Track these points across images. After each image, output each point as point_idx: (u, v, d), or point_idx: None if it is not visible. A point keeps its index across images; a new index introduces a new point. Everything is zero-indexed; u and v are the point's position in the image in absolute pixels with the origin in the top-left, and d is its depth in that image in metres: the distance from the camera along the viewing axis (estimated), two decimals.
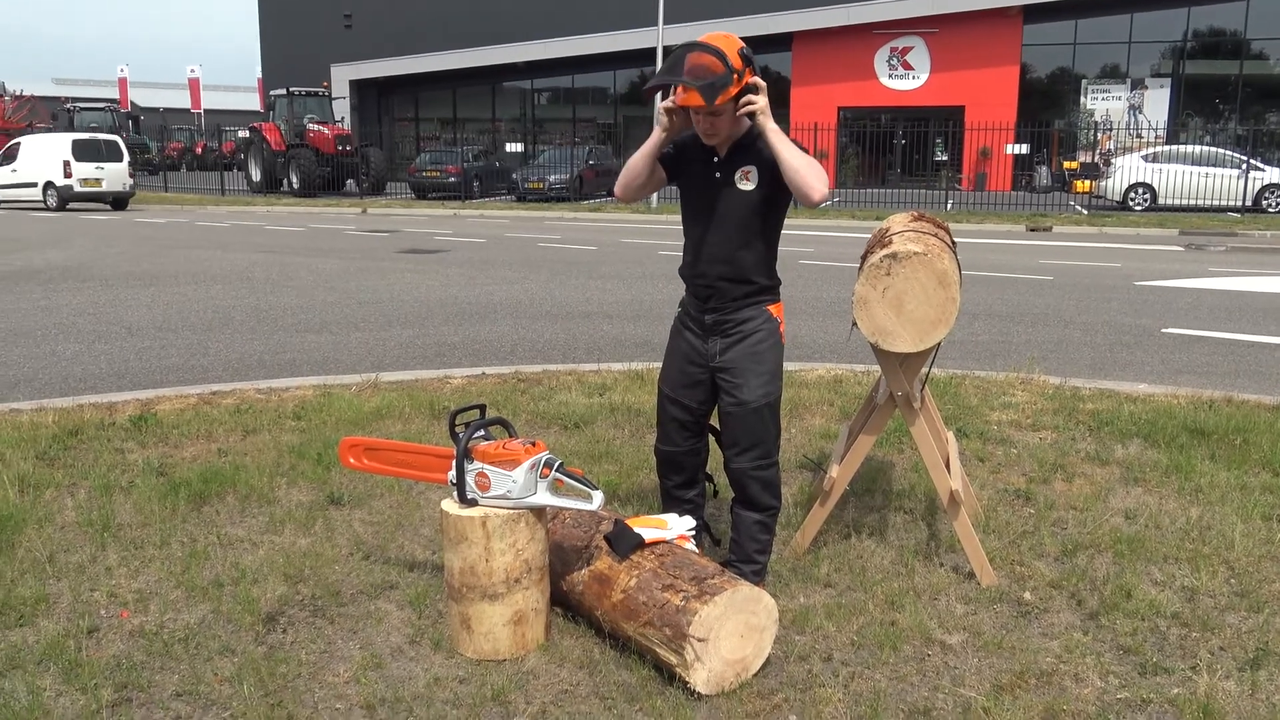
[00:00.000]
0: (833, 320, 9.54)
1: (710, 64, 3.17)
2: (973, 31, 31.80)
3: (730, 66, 3.16)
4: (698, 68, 3.18)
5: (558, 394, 6.36)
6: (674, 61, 3.23)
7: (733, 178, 3.38)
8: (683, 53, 3.24)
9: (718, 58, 3.16)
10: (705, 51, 3.18)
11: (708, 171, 3.43)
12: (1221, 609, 3.53)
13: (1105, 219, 21.50)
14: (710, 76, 3.16)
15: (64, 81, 70.16)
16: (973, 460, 5.11)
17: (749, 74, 3.22)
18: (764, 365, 3.45)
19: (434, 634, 3.31)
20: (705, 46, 3.19)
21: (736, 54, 3.20)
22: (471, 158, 29.89)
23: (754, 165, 3.36)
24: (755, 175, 3.36)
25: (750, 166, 3.36)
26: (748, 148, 3.37)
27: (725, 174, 3.40)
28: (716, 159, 3.41)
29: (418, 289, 11.81)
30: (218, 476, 4.69)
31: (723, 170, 3.40)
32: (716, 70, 3.16)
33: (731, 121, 3.32)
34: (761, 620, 3.04)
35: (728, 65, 3.16)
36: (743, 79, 3.20)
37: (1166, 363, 7.90)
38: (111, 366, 7.63)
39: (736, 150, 3.39)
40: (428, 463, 3.49)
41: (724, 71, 3.16)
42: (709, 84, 3.16)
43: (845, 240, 17.67)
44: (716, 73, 3.16)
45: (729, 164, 3.39)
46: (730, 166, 3.39)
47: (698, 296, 3.52)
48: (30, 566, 3.79)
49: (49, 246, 16.40)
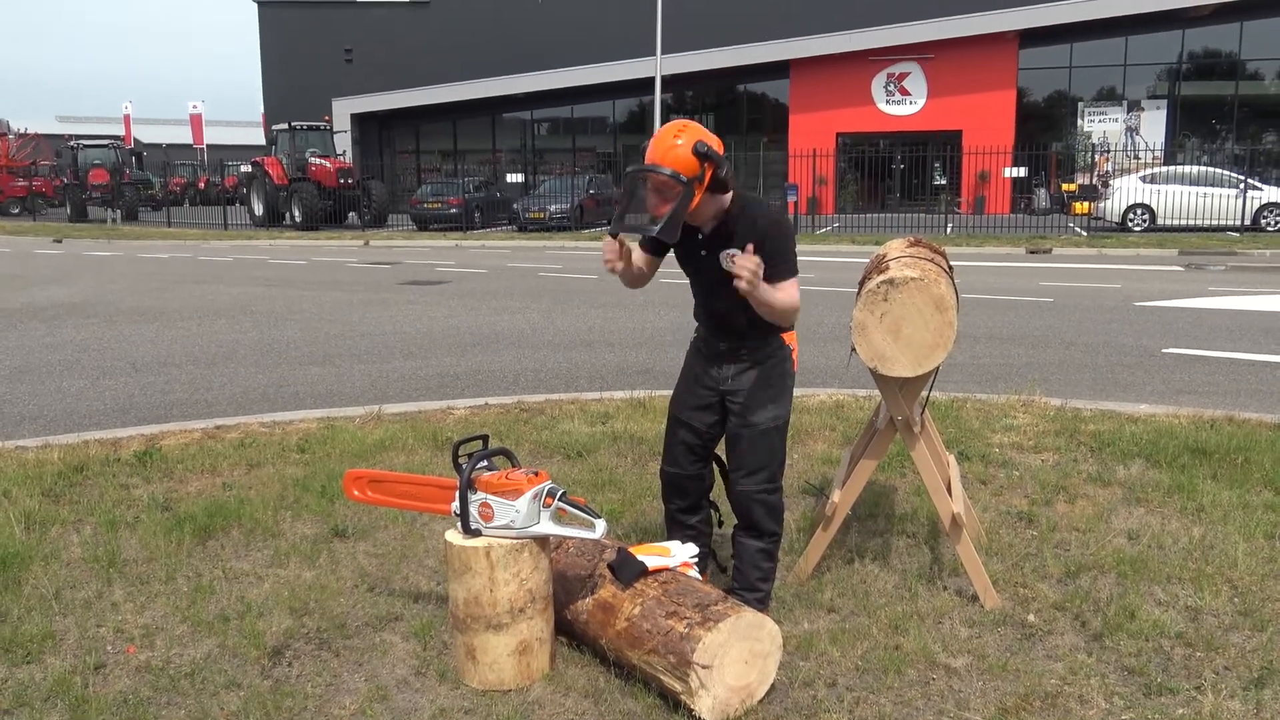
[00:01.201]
0: (833, 345, 9.57)
1: (664, 186, 3.16)
2: (969, 56, 32.04)
3: (685, 180, 3.13)
4: (655, 195, 3.16)
5: (560, 423, 6.38)
6: (629, 199, 3.21)
7: (717, 258, 3.32)
8: (635, 181, 3.21)
9: (671, 179, 3.13)
10: (657, 173, 3.14)
11: (694, 248, 3.46)
12: (1225, 628, 3.53)
13: (1104, 240, 21.56)
14: (670, 205, 3.13)
15: (68, 119, 70.67)
16: (975, 483, 5.12)
17: (709, 169, 3.17)
18: (774, 389, 3.50)
19: (439, 665, 3.32)
20: (655, 169, 3.14)
21: (689, 157, 3.13)
22: (472, 189, 30.05)
23: (737, 250, 3.31)
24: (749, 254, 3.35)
25: (733, 250, 3.30)
26: (730, 233, 3.35)
27: (710, 252, 3.38)
28: (701, 235, 3.42)
29: (420, 320, 11.86)
30: (222, 511, 4.70)
31: (707, 248, 3.40)
32: (673, 192, 3.14)
33: (709, 204, 3.29)
34: (766, 646, 3.05)
35: (683, 181, 3.13)
36: (703, 181, 3.17)
37: (1167, 383, 7.91)
38: (116, 402, 7.67)
39: (720, 231, 3.38)
40: (431, 494, 3.51)
41: (681, 191, 3.14)
42: (668, 223, 3.14)
43: (844, 265, 17.72)
44: (673, 197, 3.13)
45: (713, 242, 3.38)
46: (714, 245, 3.36)
47: (710, 332, 3.59)
48: (37, 603, 3.80)
49: (52, 283, 16.49)
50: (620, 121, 39.13)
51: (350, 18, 41.86)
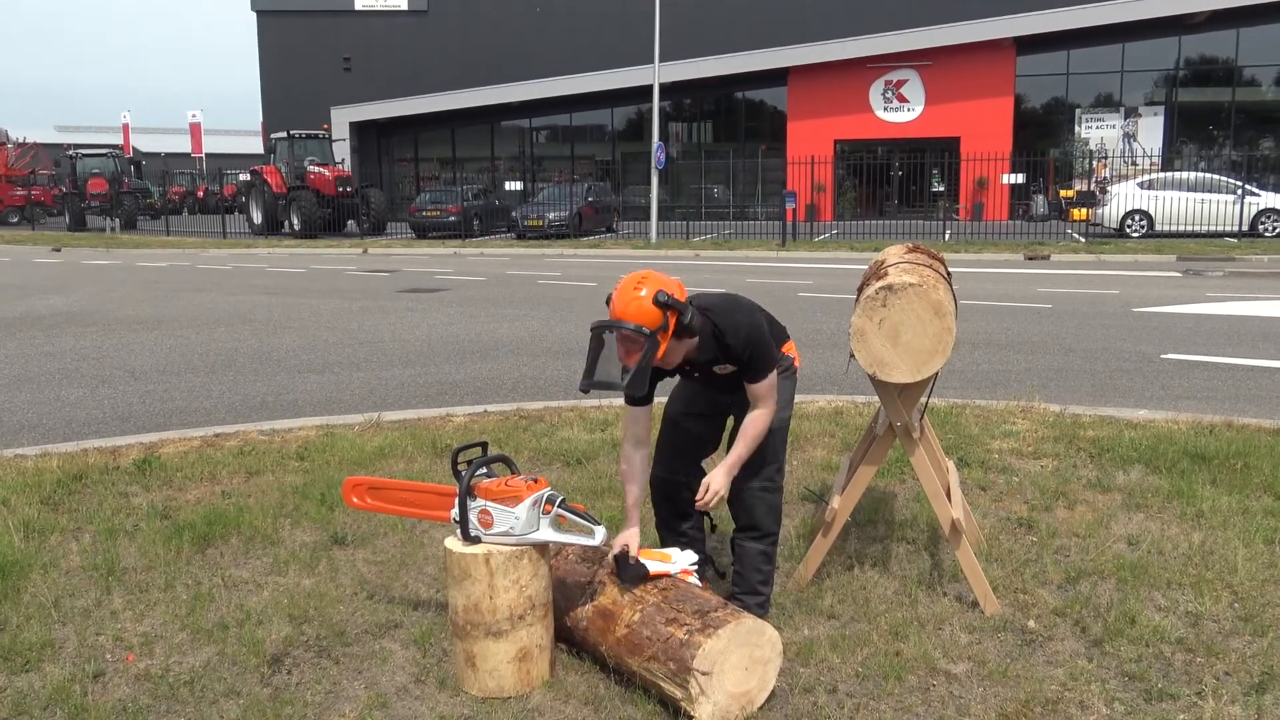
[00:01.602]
0: (832, 352, 9.57)
1: (631, 341, 3.16)
2: (966, 63, 32.11)
3: (648, 333, 3.12)
4: (622, 346, 3.18)
5: (560, 430, 6.38)
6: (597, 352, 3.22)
7: (711, 371, 3.45)
8: (600, 336, 3.21)
9: (635, 333, 3.13)
10: (621, 329, 3.14)
11: (687, 376, 3.56)
12: (1226, 634, 3.53)
13: (1103, 246, 21.59)
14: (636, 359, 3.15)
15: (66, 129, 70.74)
16: (974, 489, 5.12)
17: (672, 317, 3.16)
18: (778, 391, 3.51)
19: (439, 672, 3.31)
20: (619, 324, 3.14)
21: (651, 309, 3.12)
22: (471, 196, 30.06)
23: (725, 362, 3.41)
24: (729, 367, 3.41)
25: (724, 364, 3.41)
26: (711, 360, 3.40)
27: (704, 374, 3.49)
28: (688, 368, 3.48)
29: (419, 328, 11.86)
30: (222, 518, 4.70)
31: (700, 373, 3.49)
32: (638, 344, 3.15)
33: (677, 350, 3.30)
34: (766, 653, 3.05)
35: (645, 334, 3.12)
36: (668, 330, 3.17)
37: (1166, 388, 7.92)
38: (115, 410, 7.66)
39: (702, 361, 3.42)
40: (431, 501, 3.51)
41: (646, 345, 3.14)
42: (635, 376, 3.15)
43: (843, 272, 17.74)
44: (639, 349, 3.14)
45: (702, 367, 3.45)
46: (705, 368, 3.45)
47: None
48: (36, 611, 3.80)
49: (51, 292, 16.49)
50: (619, 129, 39.17)
51: (349, 26, 41.90)
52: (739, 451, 3.41)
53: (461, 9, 40.38)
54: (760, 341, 3.36)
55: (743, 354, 3.33)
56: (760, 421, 3.41)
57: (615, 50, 35.76)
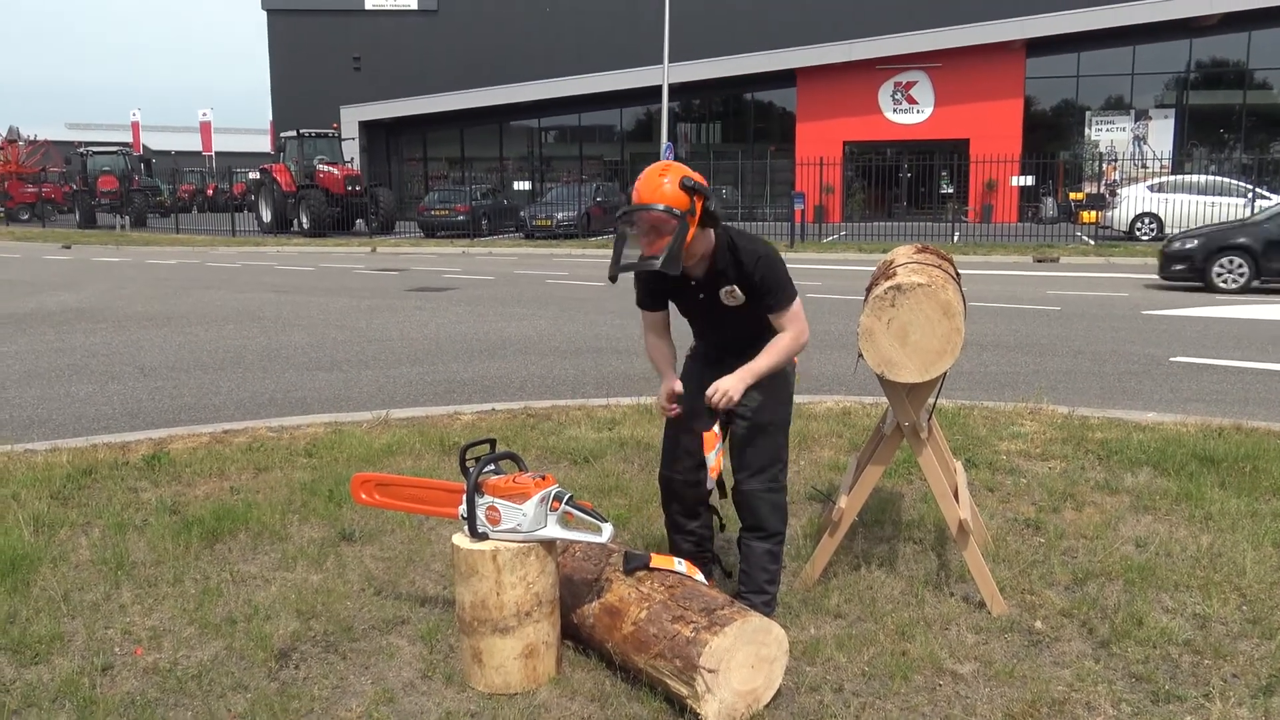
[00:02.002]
0: (840, 353, 9.57)
1: (660, 221, 3.19)
2: (976, 65, 32.05)
3: (679, 214, 3.17)
4: (653, 228, 3.20)
5: (567, 429, 6.39)
6: (624, 236, 3.26)
7: (717, 295, 3.44)
8: (630, 221, 3.25)
9: (665, 214, 3.16)
10: (650, 211, 3.18)
11: (691, 295, 3.52)
12: (1234, 636, 3.52)
13: (1112, 249, 21.53)
14: (667, 233, 3.17)
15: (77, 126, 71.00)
16: (982, 490, 5.11)
17: (699, 201, 3.20)
18: (778, 390, 3.52)
19: (446, 668, 3.32)
20: (648, 207, 3.17)
21: (679, 192, 3.17)
22: (479, 196, 30.11)
23: (734, 285, 3.40)
24: (739, 292, 3.41)
25: (732, 286, 3.40)
26: (723, 271, 3.40)
27: (709, 294, 3.46)
28: (694, 282, 3.46)
29: (427, 326, 11.88)
30: (230, 514, 4.72)
31: (705, 291, 3.47)
32: (669, 225, 3.17)
33: (701, 240, 3.32)
34: (772, 651, 3.05)
35: (676, 215, 3.16)
36: (695, 213, 3.20)
37: (1175, 391, 7.90)
38: (125, 406, 7.69)
39: (713, 274, 3.42)
40: (438, 497, 3.52)
41: (677, 226, 3.17)
42: (669, 256, 3.17)
43: (851, 273, 17.72)
44: (671, 230, 3.17)
45: (709, 285, 3.44)
46: (712, 287, 3.44)
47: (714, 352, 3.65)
48: (45, 605, 3.81)
49: (61, 289, 16.55)
50: (628, 130, 39.19)
51: (359, 25, 41.99)
52: (760, 363, 3.38)
53: (471, 9, 40.44)
54: (774, 264, 3.37)
55: (754, 272, 3.34)
56: (787, 341, 3.41)
57: (624, 51, 35.78)
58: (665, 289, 3.55)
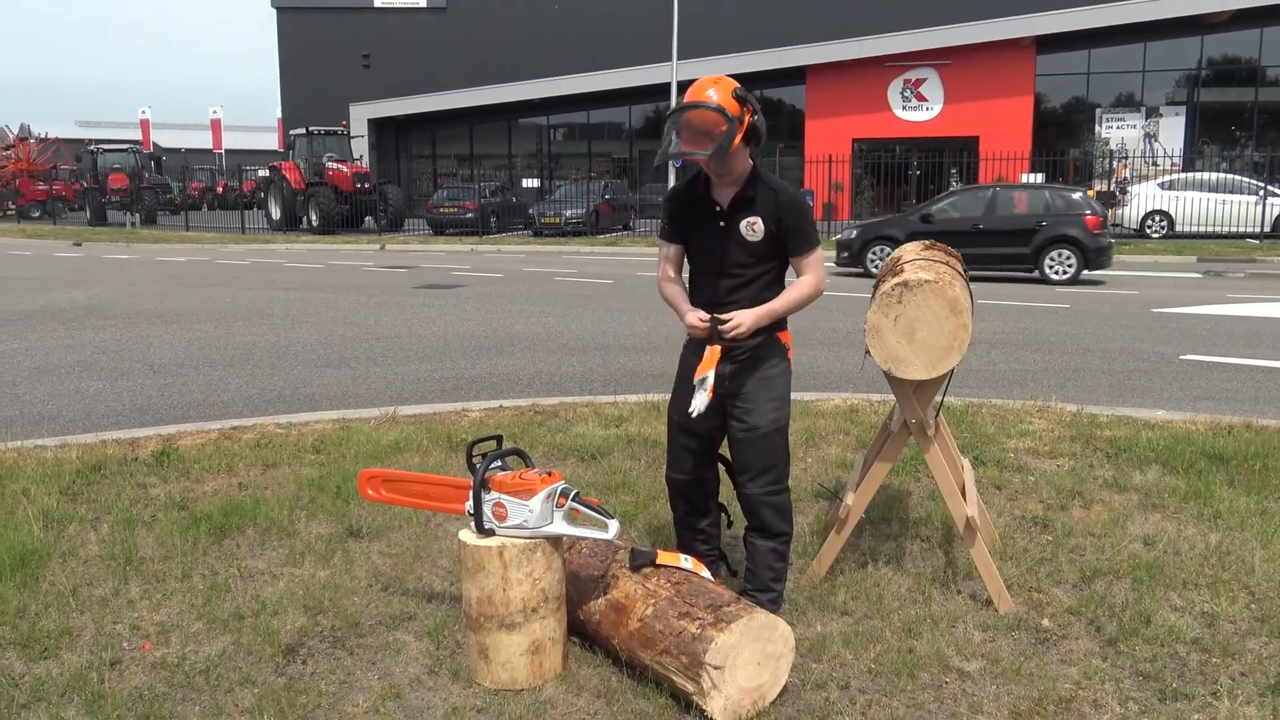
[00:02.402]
0: (847, 350, 9.55)
1: (711, 120, 3.24)
2: (986, 62, 31.94)
3: (730, 116, 3.23)
4: (701, 129, 3.24)
5: (575, 426, 6.40)
6: (674, 126, 3.30)
7: (737, 228, 3.43)
8: (679, 115, 3.30)
9: (717, 113, 3.23)
10: (704, 109, 3.24)
11: (711, 223, 3.47)
12: (1242, 634, 3.51)
13: (1122, 247, 21.44)
14: (716, 136, 3.23)
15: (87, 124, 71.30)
16: (990, 488, 5.10)
17: (748, 112, 3.29)
18: (774, 391, 3.49)
19: (452, 664, 3.33)
20: (702, 104, 3.24)
21: (731, 98, 3.26)
22: (488, 193, 30.13)
23: (758, 216, 3.40)
24: (761, 226, 3.41)
25: (755, 218, 3.40)
26: (750, 200, 3.41)
27: (729, 224, 3.44)
28: (719, 209, 3.45)
29: (435, 324, 11.89)
30: (238, 510, 4.73)
31: (726, 220, 3.45)
32: (720, 125, 3.23)
33: (740, 155, 3.37)
34: (778, 648, 3.05)
35: (728, 117, 3.23)
36: (744, 121, 3.28)
37: (1185, 389, 7.87)
38: (134, 403, 7.72)
39: (739, 202, 3.43)
40: (445, 494, 3.52)
41: (728, 125, 3.23)
42: (717, 148, 3.23)
43: (859, 271, 17.68)
44: (720, 129, 3.23)
45: (732, 214, 3.43)
46: (734, 217, 3.43)
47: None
48: (54, 600, 3.83)
49: (72, 285, 16.61)
50: (636, 127, 39.15)
51: (368, 23, 42.06)
52: (776, 304, 3.40)
53: (480, 7, 40.48)
54: (802, 205, 3.43)
55: (787, 204, 3.38)
56: (807, 287, 3.44)
57: (633, 48, 35.77)
58: (690, 215, 3.52)
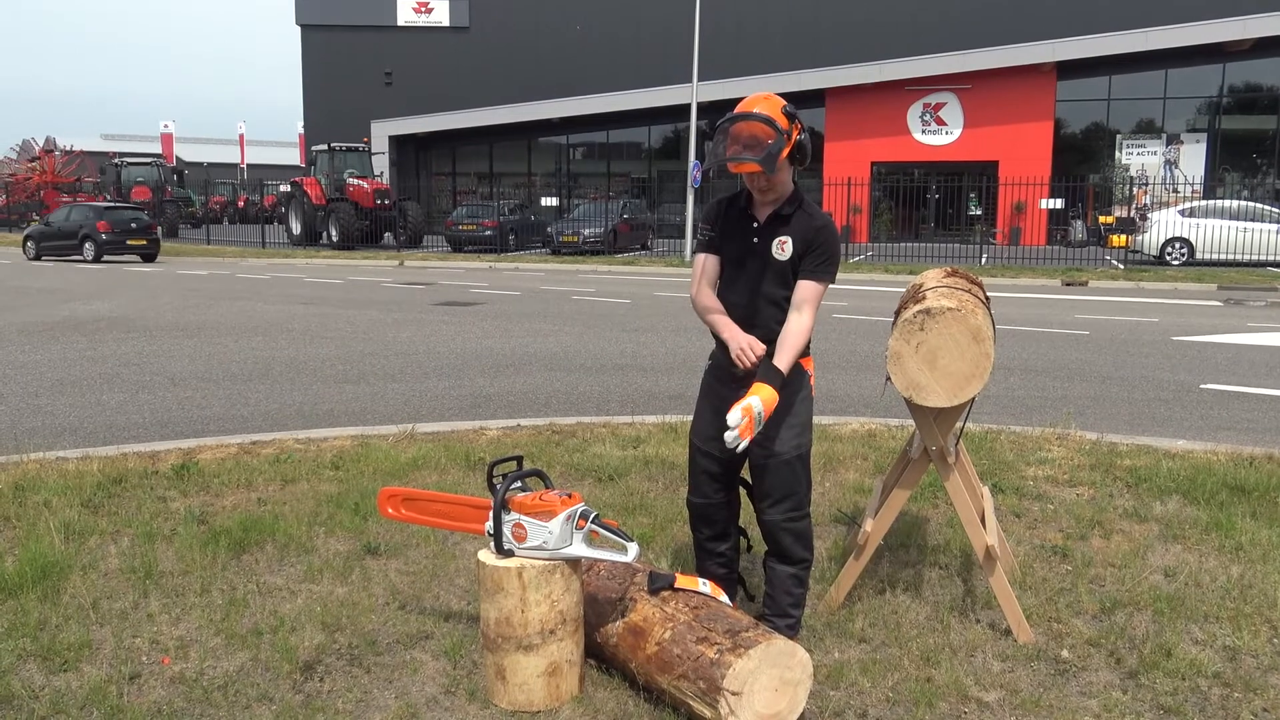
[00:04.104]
0: (866, 374, 9.54)
1: (761, 132, 3.29)
2: (1006, 87, 31.96)
3: (780, 129, 3.30)
4: (751, 138, 3.29)
5: (592, 446, 6.40)
6: (723, 136, 3.34)
7: (769, 245, 3.48)
8: (729, 125, 3.35)
9: (767, 124, 3.29)
10: (753, 120, 3.30)
11: (746, 238, 3.52)
12: (1264, 669, 3.48)
13: (1142, 274, 21.37)
14: (765, 145, 3.28)
15: (111, 137, 72.01)
16: (1009, 516, 5.08)
17: (796, 129, 3.36)
18: (795, 417, 3.49)
19: (469, 684, 3.33)
20: (753, 115, 3.31)
21: (781, 114, 3.34)
22: (507, 211, 30.28)
23: (789, 237, 3.45)
24: (790, 247, 3.45)
25: (786, 238, 3.45)
26: (786, 218, 3.47)
27: (763, 241, 3.49)
28: (756, 224, 3.51)
29: (454, 341, 11.94)
30: (257, 525, 4.75)
31: (760, 236, 3.49)
32: (769, 137, 3.29)
33: (785, 172, 3.44)
34: (796, 674, 3.03)
35: (777, 129, 3.30)
36: (792, 136, 3.34)
37: (1206, 419, 7.81)
38: (155, 416, 7.77)
39: (775, 220, 3.48)
40: (464, 513, 3.53)
41: (776, 137, 3.29)
42: (767, 154, 3.28)
43: (879, 294, 17.67)
44: (769, 140, 3.29)
45: (767, 232, 3.49)
46: (768, 234, 3.48)
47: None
48: (74, 612, 3.85)
49: (94, 298, 16.76)
50: (655, 147, 39.32)
51: (391, 41, 42.43)
52: (784, 361, 3.37)
53: (502, 26, 40.78)
54: (834, 237, 3.48)
55: (815, 232, 3.42)
56: (798, 328, 3.40)
57: (653, 69, 35.96)
58: (729, 229, 3.55)
